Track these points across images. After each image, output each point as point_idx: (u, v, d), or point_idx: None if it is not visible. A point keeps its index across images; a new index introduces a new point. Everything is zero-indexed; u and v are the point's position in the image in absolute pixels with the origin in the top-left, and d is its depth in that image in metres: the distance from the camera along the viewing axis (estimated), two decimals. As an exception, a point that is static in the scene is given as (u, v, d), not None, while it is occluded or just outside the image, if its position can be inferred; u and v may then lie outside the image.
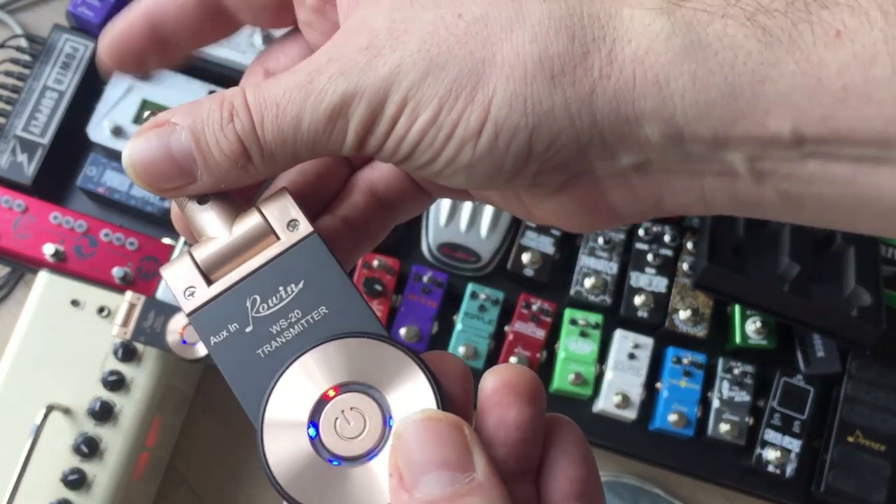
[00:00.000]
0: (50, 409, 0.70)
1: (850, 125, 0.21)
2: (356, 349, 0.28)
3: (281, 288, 0.29)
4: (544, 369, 0.79)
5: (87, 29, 0.85)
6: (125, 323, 0.70)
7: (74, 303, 0.74)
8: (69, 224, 0.80)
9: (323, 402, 0.27)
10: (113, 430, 0.72)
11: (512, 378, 0.26)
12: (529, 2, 0.24)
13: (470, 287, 0.79)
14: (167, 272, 0.30)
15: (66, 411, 0.72)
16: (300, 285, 0.29)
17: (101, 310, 0.74)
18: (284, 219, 0.30)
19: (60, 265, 0.79)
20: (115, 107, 0.84)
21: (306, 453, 0.27)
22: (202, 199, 0.31)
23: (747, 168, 0.23)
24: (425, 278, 0.79)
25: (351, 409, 0.27)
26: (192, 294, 0.29)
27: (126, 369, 0.73)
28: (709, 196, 0.25)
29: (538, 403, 0.27)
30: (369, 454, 0.26)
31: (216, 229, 0.30)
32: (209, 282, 0.29)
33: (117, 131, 0.83)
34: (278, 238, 0.30)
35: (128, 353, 0.73)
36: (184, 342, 0.70)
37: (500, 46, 0.23)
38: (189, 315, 0.29)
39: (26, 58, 0.88)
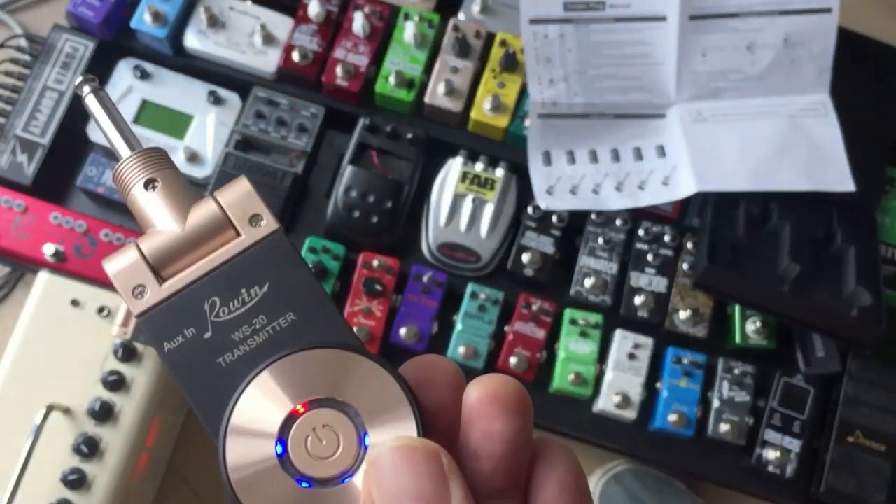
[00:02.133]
0: (50, 409, 0.70)
1: None
2: (329, 361, 0.25)
3: (243, 290, 0.26)
4: (544, 369, 0.79)
5: (87, 29, 0.85)
6: (125, 323, 0.70)
7: (74, 303, 0.74)
8: (69, 224, 0.80)
9: (292, 418, 0.24)
10: (113, 430, 0.72)
11: (498, 389, 0.25)
12: None
13: (470, 287, 0.79)
14: (111, 266, 0.27)
15: (66, 411, 0.72)
16: (265, 288, 0.26)
17: (101, 310, 0.74)
18: (246, 212, 0.27)
19: (60, 265, 0.79)
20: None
21: (274, 473, 0.24)
22: (150, 184, 0.27)
23: None
24: (425, 278, 0.79)
25: (323, 426, 0.24)
26: (141, 293, 0.26)
27: (126, 369, 0.73)
28: None
29: (525, 415, 0.25)
30: (342, 476, 0.24)
31: (167, 220, 0.27)
32: (161, 280, 0.26)
33: (117, 131, 0.83)
34: (238, 234, 0.27)
35: (128, 352, 0.73)
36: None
37: None
38: (139, 317, 0.26)
39: (26, 58, 0.88)
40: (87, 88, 0.30)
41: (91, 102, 0.30)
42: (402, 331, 0.77)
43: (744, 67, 0.83)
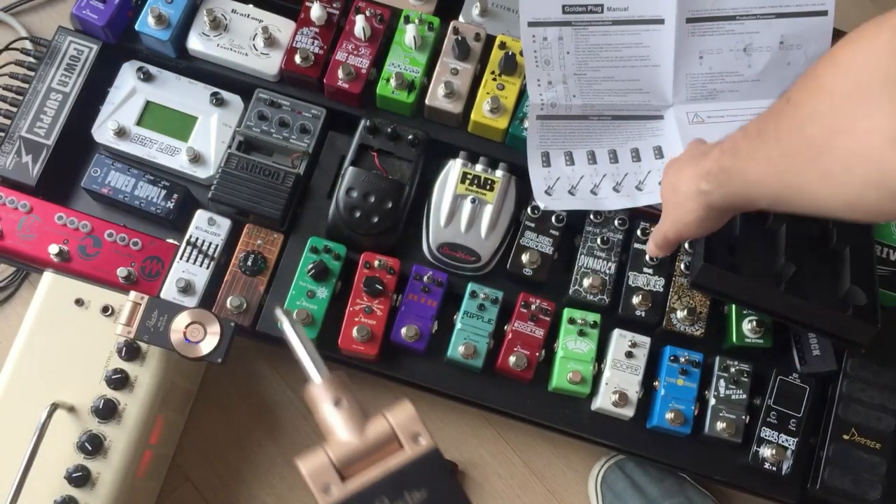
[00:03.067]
0: (54, 407, 0.71)
1: None
2: None
3: (406, 493, 0.35)
4: (543, 368, 0.80)
5: (92, 31, 0.86)
6: (129, 322, 0.71)
7: (79, 302, 0.74)
8: (73, 224, 0.80)
9: None
10: (117, 428, 0.73)
11: None
12: None
13: (470, 286, 0.79)
14: (306, 465, 0.36)
15: (71, 409, 0.72)
16: (423, 493, 0.35)
17: (105, 309, 0.74)
18: (410, 431, 0.36)
19: (65, 265, 0.80)
20: (119, 108, 0.85)
21: None
22: (337, 402, 0.37)
23: None
24: (425, 278, 0.80)
25: None
26: (327, 490, 0.35)
27: (130, 368, 0.74)
28: None
29: None
30: None
31: (349, 432, 0.36)
32: (342, 478, 0.35)
33: (121, 132, 0.84)
34: (402, 447, 0.36)
35: (131, 351, 0.74)
36: (187, 341, 0.71)
37: None
38: None
39: (31, 59, 0.89)
40: (286, 319, 0.40)
41: (288, 331, 0.40)
42: (403, 330, 0.78)
43: (740, 69, 0.83)
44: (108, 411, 0.72)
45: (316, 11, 0.85)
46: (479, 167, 0.83)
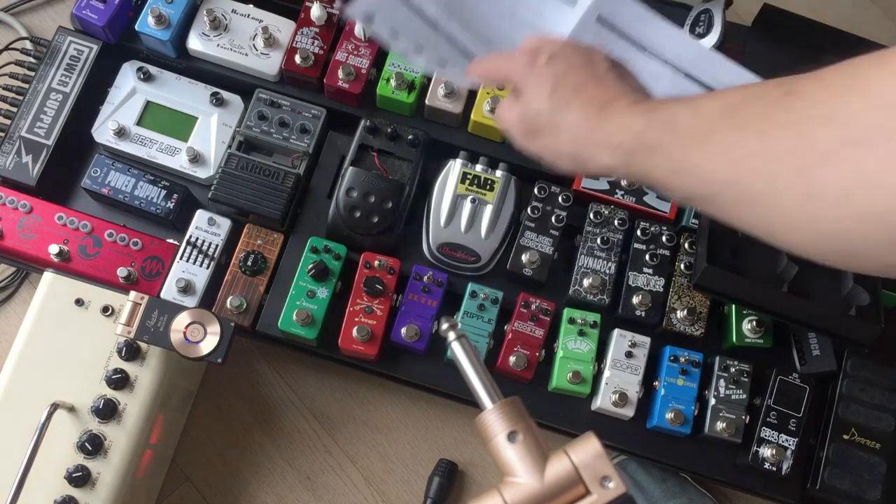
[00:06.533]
0: (54, 407, 0.71)
1: None
2: None
3: None
4: (543, 368, 0.80)
5: (92, 31, 0.86)
6: (129, 322, 0.71)
7: (79, 302, 0.75)
8: (73, 224, 0.80)
9: None
10: (117, 428, 0.73)
11: None
12: None
13: (470, 286, 0.80)
14: None
15: (71, 409, 0.72)
16: None
17: (105, 309, 0.74)
18: (597, 473, 0.31)
19: (65, 265, 0.80)
20: (119, 108, 0.85)
21: None
22: (512, 435, 0.33)
23: None
24: (425, 278, 0.80)
25: None
26: None
27: (130, 368, 0.74)
28: None
29: None
30: None
31: (527, 472, 0.32)
32: None
33: (121, 132, 0.84)
34: (588, 491, 0.31)
35: (131, 351, 0.74)
36: (187, 341, 0.71)
37: None
38: None
39: (31, 59, 0.89)
40: (452, 335, 0.35)
41: (457, 349, 0.35)
42: (403, 330, 0.78)
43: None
44: (108, 411, 0.72)
45: (316, 11, 0.85)
46: (479, 167, 0.83)
